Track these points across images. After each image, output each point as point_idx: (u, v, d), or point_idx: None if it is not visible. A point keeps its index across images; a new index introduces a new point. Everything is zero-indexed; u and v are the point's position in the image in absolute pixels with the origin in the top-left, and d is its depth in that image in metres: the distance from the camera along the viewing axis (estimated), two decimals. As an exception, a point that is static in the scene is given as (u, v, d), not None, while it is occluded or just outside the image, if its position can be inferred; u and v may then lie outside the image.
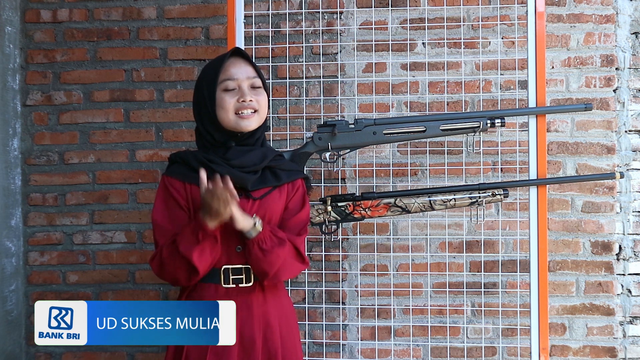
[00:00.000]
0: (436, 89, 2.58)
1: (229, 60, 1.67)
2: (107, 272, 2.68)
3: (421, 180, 2.57)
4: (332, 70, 2.60)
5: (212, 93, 1.64)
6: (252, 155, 1.65)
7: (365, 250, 2.56)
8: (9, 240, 2.63)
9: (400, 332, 2.58)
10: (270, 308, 1.64)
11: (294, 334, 1.71)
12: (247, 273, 1.62)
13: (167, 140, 2.67)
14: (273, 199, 1.66)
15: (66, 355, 2.69)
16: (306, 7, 2.61)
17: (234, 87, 1.64)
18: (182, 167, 1.66)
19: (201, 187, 1.51)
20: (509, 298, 2.55)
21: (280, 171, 1.70)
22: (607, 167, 2.55)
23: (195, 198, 1.61)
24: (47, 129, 2.71)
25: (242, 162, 1.63)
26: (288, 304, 1.73)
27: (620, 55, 2.57)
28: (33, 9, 2.71)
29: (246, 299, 1.61)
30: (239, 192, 1.60)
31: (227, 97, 1.63)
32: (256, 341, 1.60)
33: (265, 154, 1.68)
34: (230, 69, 1.65)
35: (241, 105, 1.63)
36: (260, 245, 1.57)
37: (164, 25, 2.68)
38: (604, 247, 2.55)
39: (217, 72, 1.65)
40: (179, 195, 1.63)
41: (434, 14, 2.58)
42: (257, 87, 1.67)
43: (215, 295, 1.60)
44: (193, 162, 1.63)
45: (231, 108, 1.63)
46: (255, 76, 1.67)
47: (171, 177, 1.65)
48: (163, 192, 1.65)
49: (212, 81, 1.65)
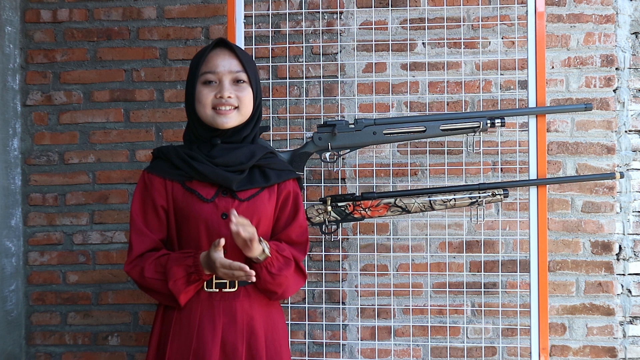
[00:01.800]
0: (436, 89, 2.58)
1: (213, 51, 1.58)
2: (107, 272, 2.68)
3: (421, 180, 2.57)
4: (332, 70, 2.60)
5: (193, 85, 1.57)
6: (237, 154, 1.57)
7: (365, 250, 2.56)
8: (9, 240, 2.63)
9: (400, 332, 2.57)
10: (256, 314, 1.57)
11: (280, 341, 1.62)
12: None
13: (167, 140, 2.67)
14: (262, 201, 1.58)
15: (66, 355, 2.69)
16: (306, 7, 2.61)
17: (213, 81, 1.56)
18: (163, 163, 1.60)
19: (222, 262, 1.45)
20: (509, 298, 2.55)
21: (270, 170, 1.61)
22: (607, 167, 2.55)
23: (176, 196, 1.56)
24: (47, 129, 2.71)
25: (227, 160, 1.55)
26: (276, 310, 1.65)
27: (620, 55, 2.57)
28: (33, 9, 2.71)
29: (230, 304, 1.54)
30: (224, 191, 1.55)
31: (205, 91, 1.56)
32: (238, 348, 1.53)
33: (253, 152, 1.59)
34: (212, 61, 1.56)
35: (219, 101, 1.55)
36: (269, 269, 1.53)
37: (164, 25, 2.68)
38: (604, 247, 2.55)
39: (199, 64, 1.57)
40: (157, 194, 1.57)
41: (434, 14, 2.58)
42: (241, 82, 1.57)
43: (197, 299, 1.54)
44: (174, 158, 1.57)
45: (208, 103, 1.55)
46: (239, 70, 1.57)
47: (151, 174, 1.59)
48: (141, 189, 1.60)
49: (193, 73, 1.58)
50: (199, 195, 1.55)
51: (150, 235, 1.56)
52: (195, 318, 1.54)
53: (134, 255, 1.55)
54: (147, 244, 1.56)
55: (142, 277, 1.53)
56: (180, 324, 1.55)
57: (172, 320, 1.56)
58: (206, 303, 1.55)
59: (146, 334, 2.63)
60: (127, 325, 2.67)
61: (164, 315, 1.59)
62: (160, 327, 1.59)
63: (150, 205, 1.57)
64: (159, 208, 1.57)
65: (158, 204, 1.57)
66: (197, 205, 1.55)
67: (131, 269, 1.55)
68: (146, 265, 1.53)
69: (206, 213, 1.54)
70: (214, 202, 1.55)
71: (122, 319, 2.67)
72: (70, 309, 2.69)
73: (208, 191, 1.56)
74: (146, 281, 1.53)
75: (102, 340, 2.68)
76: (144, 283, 1.54)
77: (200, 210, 1.54)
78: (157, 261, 1.53)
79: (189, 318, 1.54)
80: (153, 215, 1.57)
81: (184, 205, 1.56)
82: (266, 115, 2.56)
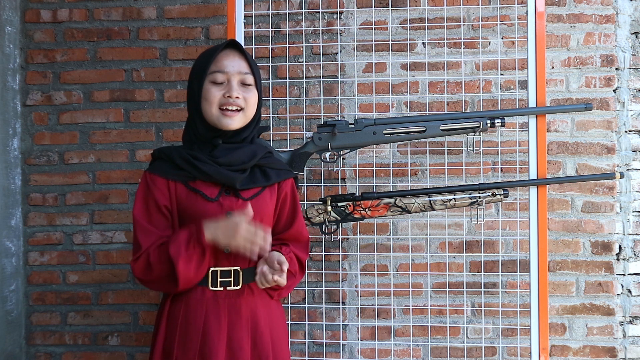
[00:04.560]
0: (436, 89, 2.58)
1: (223, 51, 1.59)
2: (107, 272, 2.68)
3: (421, 180, 2.57)
4: (332, 70, 2.60)
5: (200, 83, 1.58)
6: (240, 153, 1.59)
7: (365, 250, 2.56)
8: (9, 240, 2.63)
9: (400, 332, 2.57)
10: (260, 312, 1.59)
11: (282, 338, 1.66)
12: (235, 276, 1.56)
13: (167, 140, 2.67)
14: (264, 200, 1.61)
15: (66, 355, 2.69)
16: (306, 7, 2.61)
17: (222, 81, 1.57)
18: (165, 163, 1.60)
19: (242, 221, 1.46)
20: (509, 298, 2.55)
21: (270, 170, 1.64)
22: (607, 167, 2.55)
23: (180, 196, 1.56)
24: (47, 129, 2.71)
25: (230, 160, 1.57)
26: (277, 309, 1.67)
27: (620, 55, 2.57)
28: (33, 9, 2.71)
29: (234, 302, 1.56)
30: (227, 190, 1.57)
31: (214, 90, 1.57)
32: (244, 345, 1.55)
33: (254, 151, 1.61)
34: (222, 61, 1.57)
35: (226, 101, 1.56)
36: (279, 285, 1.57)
37: (164, 25, 2.68)
38: (604, 247, 2.55)
39: (209, 62, 1.57)
40: (160, 195, 1.57)
41: (434, 14, 2.58)
42: (248, 85, 1.59)
43: (202, 298, 1.56)
44: (177, 158, 1.57)
45: (216, 102, 1.56)
46: (247, 72, 1.59)
47: (153, 174, 1.59)
48: (144, 190, 1.59)
49: (202, 71, 1.58)
50: (204, 195, 1.56)
51: (156, 232, 1.56)
52: (200, 317, 1.55)
53: (142, 250, 1.54)
54: (153, 239, 1.55)
55: (148, 265, 1.52)
56: (186, 323, 1.56)
57: (178, 319, 1.57)
58: (211, 302, 1.56)
59: (146, 334, 2.63)
60: (127, 325, 2.67)
61: (169, 315, 1.59)
62: (166, 327, 1.59)
63: (154, 206, 1.57)
64: (163, 208, 1.58)
65: (161, 203, 1.57)
66: (202, 204, 1.56)
67: (136, 263, 1.54)
68: (152, 251, 1.52)
69: (211, 212, 1.55)
70: (218, 201, 1.56)
71: (122, 319, 2.67)
72: (70, 309, 2.69)
73: (212, 191, 1.57)
74: (152, 267, 1.51)
75: (102, 340, 2.68)
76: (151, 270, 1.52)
77: (205, 210, 1.55)
78: (161, 245, 1.53)
79: (195, 317, 1.55)
80: (157, 214, 1.58)
81: (188, 205, 1.57)
82: (266, 115, 2.56)
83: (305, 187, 2.50)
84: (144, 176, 1.61)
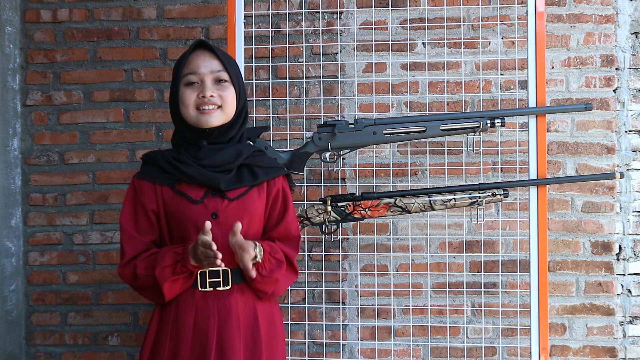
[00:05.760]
0: (436, 89, 2.58)
1: (194, 53, 1.60)
2: (107, 272, 2.68)
3: (421, 180, 2.57)
4: (332, 70, 2.60)
5: (176, 88, 1.59)
6: (224, 154, 1.59)
7: (365, 250, 2.56)
8: (9, 240, 2.63)
9: (400, 332, 2.58)
10: (250, 311, 1.59)
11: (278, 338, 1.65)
12: (224, 276, 1.56)
13: (167, 140, 2.67)
14: (252, 199, 1.60)
15: (66, 355, 2.69)
16: (306, 7, 2.61)
17: (195, 81, 1.58)
18: (152, 167, 1.61)
19: (202, 238, 1.44)
20: (509, 298, 2.55)
21: (258, 169, 1.63)
22: (607, 167, 2.55)
23: (166, 199, 1.58)
24: (47, 129, 2.71)
25: (213, 161, 1.57)
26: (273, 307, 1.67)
27: (620, 55, 2.57)
28: (33, 9, 2.71)
29: (224, 302, 1.56)
30: (213, 191, 1.57)
31: (188, 92, 1.58)
32: (235, 346, 1.54)
33: (240, 151, 1.61)
34: (193, 62, 1.58)
35: (201, 101, 1.56)
36: (259, 270, 1.55)
37: (164, 25, 2.68)
38: (604, 247, 2.55)
39: (181, 66, 1.59)
40: (147, 199, 1.59)
41: (434, 14, 2.58)
42: (223, 81, 1.59)
43: (191, 299, 1.56)
44: (162, 162, 1.59)
45: (192, 103, 1.57)
46: (220, 69, 1.59)
47: (141, 179, 1.61)
48: (132, 195, 1.61)
49: (176, 75, 1.60)
50: (188, 197, 1.57)
51: (140, 239, 1.59)
52: (190, 318, 1.56)
53: (127, 258, 1.57)
54: (139, 247, 1.58)
55: (134, 276, 1.55)
56: (177, 324, 1.56)
57: (169, 321, 1.57)
58: (201, 302, 1.56)
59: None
60: (127, 325, 2.67)
61: (161, 316, 1.60)
62: (156, 328, 1.60)
63: (141, 211, 1.60)
64: (150, 212, 1.59)
65: (148, 208, 1.59)
66: (187, 206, 1.57)
67: (124, 270, 1.57)
68: (139, 263, 1.55)
69: (196, 214, 1.56)
70: (203, 202, 1.57)
71: (122, 319, 2.67)
72: (70, 309, 2.69)
73: (197, 192, 1.58)
74: (139, 279, 1.54)
75: (102, 340, 2.68)
76: (137, 281, 1.55)
77: (190, 212, 1.56)
78: (149, 257, 1.56)
79: (185, 318, 1.56)
80: (144, 219, 1.60)
81: (174, 207, 1.58)
82: (266, 115, 2.56)
83: (305, 187, 2.50)
84: (132, 182, 1.64)
